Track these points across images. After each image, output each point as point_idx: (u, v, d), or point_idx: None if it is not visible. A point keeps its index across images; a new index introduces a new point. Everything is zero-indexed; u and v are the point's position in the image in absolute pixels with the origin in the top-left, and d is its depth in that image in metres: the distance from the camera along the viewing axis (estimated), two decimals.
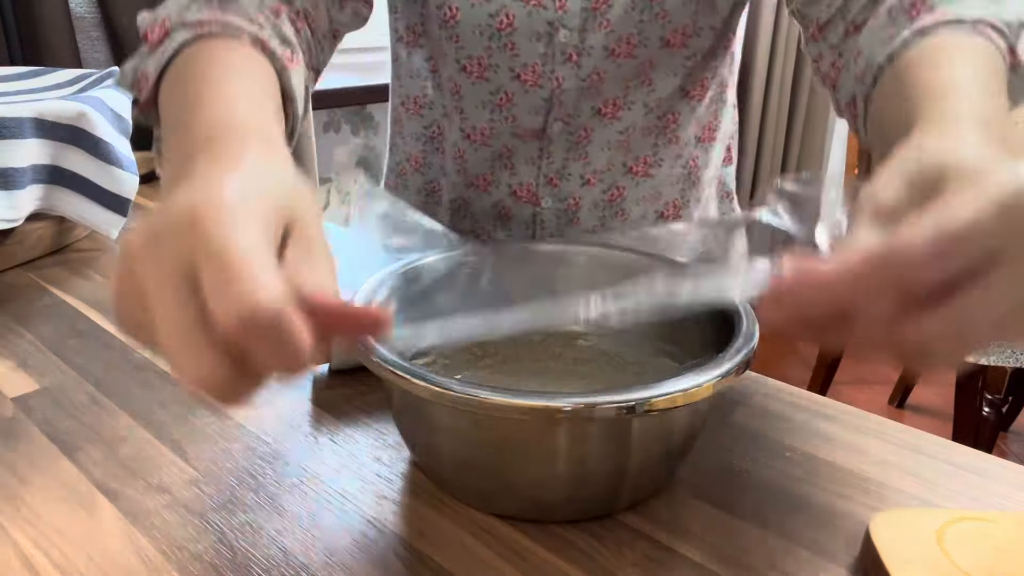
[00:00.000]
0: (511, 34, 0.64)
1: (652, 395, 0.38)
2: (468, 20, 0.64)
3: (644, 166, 0.73)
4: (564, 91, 0.66)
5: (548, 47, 0.64)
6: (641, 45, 0.64)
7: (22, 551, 0.41)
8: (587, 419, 0.38)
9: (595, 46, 0.64)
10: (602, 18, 0.62)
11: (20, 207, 0.78)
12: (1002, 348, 1.35)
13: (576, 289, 0.59)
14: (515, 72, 0.66)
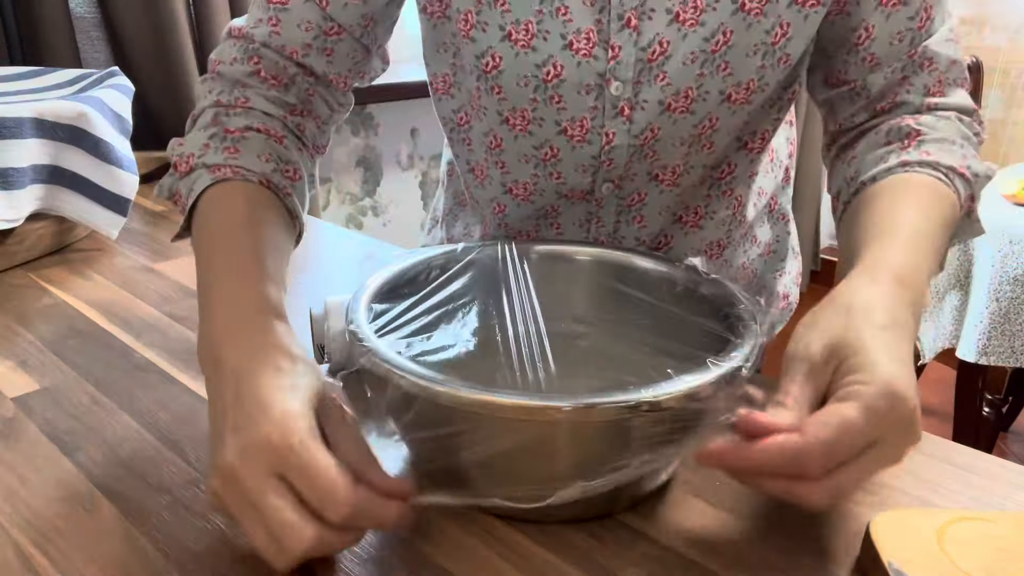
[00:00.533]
0: (558, 86, 0.58)
1: (653, 395, 0.38)
2: (512, 70, 0.59)
3: (695, 217, 0.70)
4: (614, 148, 0.61)
5: (598, 100, 0.59)
6: (700, 99, 0.58)
7: (22, 551, 0.41)
8: (587, 418, 0.38)
9: (650, 100, 0.58)
10: (659, 70, 0.57)
11: (20, 207, 0.78)
12: (1002, 348, 1.35)
13: (578, 288, 0.59)
14: (561, 127, 0.61)
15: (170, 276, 0.79)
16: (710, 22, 0.55)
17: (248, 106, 0.59)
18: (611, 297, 0.58)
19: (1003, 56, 2.67)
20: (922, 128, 0.57)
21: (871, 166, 0.57)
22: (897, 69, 0.59)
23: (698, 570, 0.41)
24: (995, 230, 1.35)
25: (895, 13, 0.57)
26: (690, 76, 0.57)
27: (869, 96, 0.60)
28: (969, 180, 0.55)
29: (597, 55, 0.57)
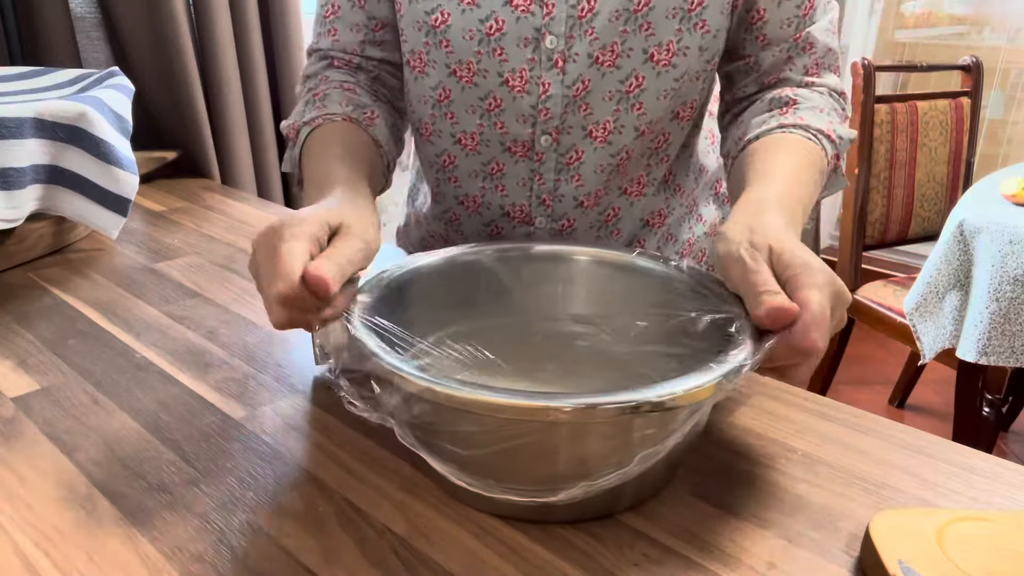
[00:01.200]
0: (500, 39, 0.66)
1: (654, 395, 0.38)
2: (458, 25, 0.66)
3: (638, 187, 0.75)
4: (550, 97, 0.67)
5: (535, 52, 0.66)
6: (624, 55, 0.65)
7: (22, 551, 0.41)
8: (588, 419, 0.38)
9: (580, 53, 0.65)
10: (588, 26, 0.64)
11: (20, 207, 0.78)
12: (1002, 348, 1.35)
13: (575, 288, 0.59)
14: (503, 77, 0.67)
15: (170, 276, 0.79)
16: None
17: (328, 80, 0.72)
18: (610, 297, 0.58)
19: (1003, 56, 2.67)
20: (798, 98, 0.67)
21: (755, 128, 0.66)
22: (784, 49, 0.68)
23: (698, 570, 0.41)
24: (995, 230, 1.35)
25: (784, 2, 0.66)
26: (615, 32, 0.64)
27: (760, 70, 0.70)
28: (835, 141, 0.65)
29: (534, 11, 0.64)
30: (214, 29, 1.22)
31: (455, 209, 0.78)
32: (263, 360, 0.62)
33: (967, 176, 2.04)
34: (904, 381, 2.26)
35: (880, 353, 2.61)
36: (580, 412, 0.37)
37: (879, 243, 1.99)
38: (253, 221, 0.98)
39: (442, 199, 0.79)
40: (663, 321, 0.54)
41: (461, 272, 0.57)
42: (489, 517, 0.44)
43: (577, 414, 0.37)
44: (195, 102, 1.21)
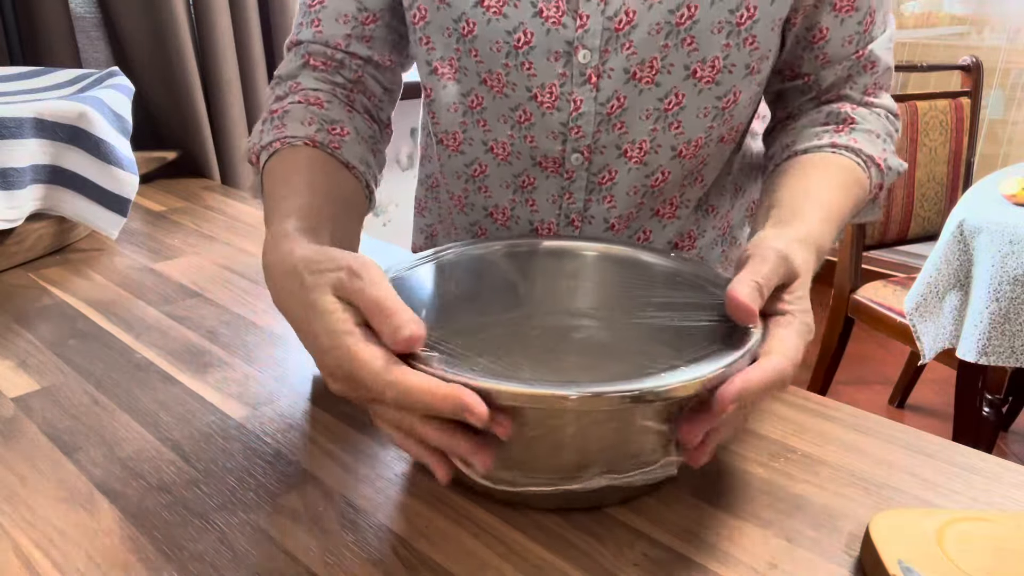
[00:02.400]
0: (528, 52, 0.61)
1: (659, 384, 0.38)
2: (485, 36, 0.61)
3: (671, 208, 0.71)
4: (582, 115, 0.63)
5: (566, 67, 0.61)
6: (664, 71, 0.60)
7: (22, 551, 0.41)
8: (593, 407, 0.38)
9: (616, 68, 0.61)
10: (625, 39, 0.59)
11: (20, 207, 0.78)
12: (1002, 348, 1.35)
13: (584, 284, 0.59)
14: (532, 92, 0.63)
15: (170, 276, 0.79)
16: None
17: (298, 89, 0.65)
18: (617, 292, 0.58)
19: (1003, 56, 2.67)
20: (856, 118, 0.64)
21: (806, 140, 0.64)
22: (845, 68, 0.65)
23: (698, 570, 0.41)
24: (995, 230, 1.35)
25: (847, 18, 0.63)
26: (655, 46, 0.59)
27: (819, 90, 0.67)
28: (883, 171, 0.63)
29: (566, 23, 0.59)
30: (214, 29, 1.22)
31: (483, 222, 0.75)
32: (263, 360, 0.62)
33: (967, 176, 2.04)
34: (904, 381, 2.26)
35: (880, 353, 2.61)
36: (586, 400, 0.38)
37: (879, 243, 1.99)
38: (253, 221, 0.98)
39: (470, 210, 0.75)
40: (669, 314, 0.54)
41: (468, 268, 0.57)
42: (489, 517, 0.44)
43: (583, 402, 0.38)
44: (195, 102, 1.21)
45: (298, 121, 0.61)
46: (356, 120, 0.65)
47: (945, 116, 1.98)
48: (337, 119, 0.62)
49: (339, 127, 0.62)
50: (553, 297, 0.59)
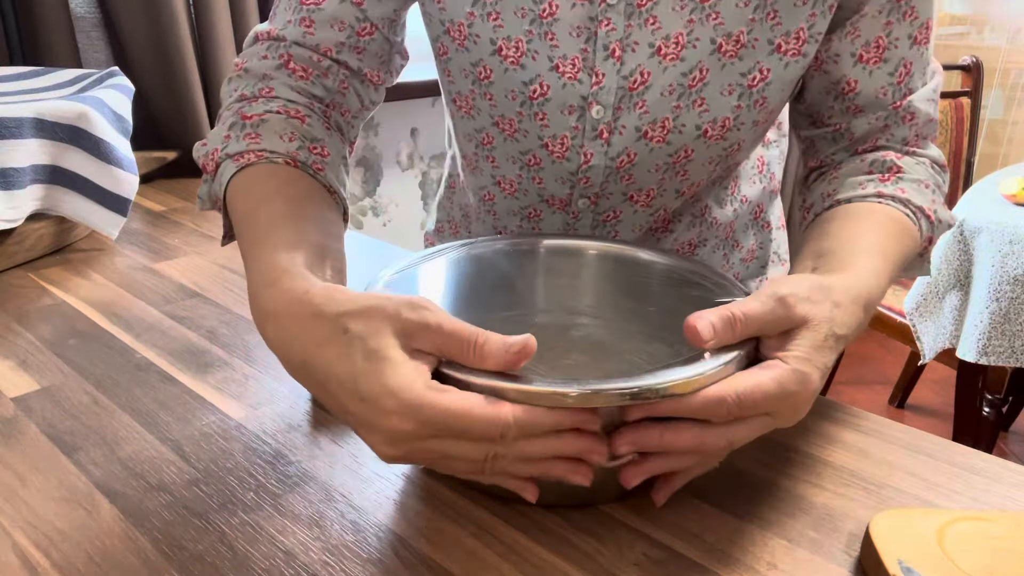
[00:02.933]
0: (543, 104, 0.61)
1: (657, 382, 0.38)
2: (501, 83, 0.61)
3: (664, 223, 0.73)
4: (592, 167, 0.63)
5: (579, 121, 0.61)
6: (676, 131, 0.61)
7: (22, 551, 0.41)
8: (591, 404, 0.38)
9: (628, 126, 0.61)
10: (639, 99, 0.60)
11: (20, 207, 0.78)
12: (1002, 348, 1.35)
13: (584, 283, 0.59)
14: (543, 141, 0.63)
15: (170, 276, 0.79)
16: (689, 58, 0.58)
17: (271, 95, 0.59)
18: (616, 290, 0.58)
19: (1003, 56, 2.67)
20: (903, 166, 0.61)
21: (849, 189, 0.60)
22: (881, 118, 0.62)
23: (698, 570, 0.41)
24: (995, 230, 1.35)
25: (876, 70, 0.60)
26: (667, 107, 0.59)
27: (852, 139, 0.64)
28: (933, 223, 0.60)
29: (582, 79, 0.59)
30: (214, 29, 1.22)
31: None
32: (263, 360, 0.62)
33: (967, 176, 2.05)
34: (904, 381, 2.26)
35: (880, 353, 2.62)
36: (585, 398, 0.38)
37: None
38: None
39: (480, 225, 0.77)
40: (667, 313, 0.54)
41: (468, 266, 0.57)
42: (489, 517, 0.44)
43: (582, 399, 0.38)
44: (195, 102, 1.21)
45: (276, 135, 0.54)
46: (333, 139, 0.60)
47: (945, 116, 1.98)
48: (319, 138, 0.57)
49: (320, 147, 0.56)
50: (553, 295, 0.59)
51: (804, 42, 0.58)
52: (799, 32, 0.58)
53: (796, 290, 0.43)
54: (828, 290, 0.45)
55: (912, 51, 0.60)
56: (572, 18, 0.58)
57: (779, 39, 0.58)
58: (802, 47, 0.58)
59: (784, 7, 0.57)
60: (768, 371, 0.41)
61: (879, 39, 0.59)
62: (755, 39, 0.57)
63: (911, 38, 0.60)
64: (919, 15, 0.59)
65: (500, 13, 0.59)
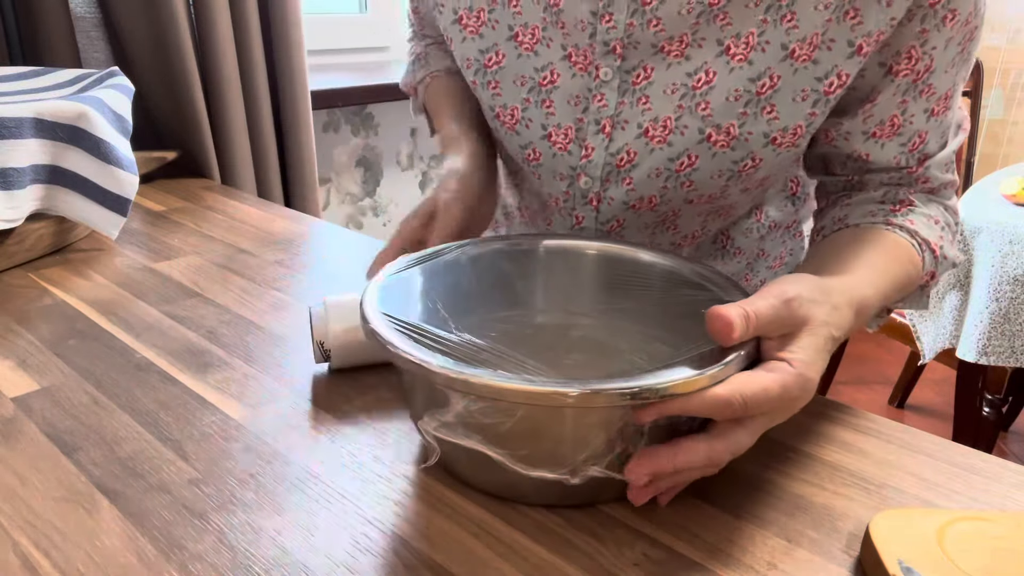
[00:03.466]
0: (551, 91, 0.63)
1: (657, 383, 0.38)
2: (512, 68, 0.65)
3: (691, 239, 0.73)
4: (591, 162, 0.64)
5: (570, 187, 0.66)
6: (663, 204, 0.64)
7: (22, 551, 0.41)
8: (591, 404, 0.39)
9: (616, 198, 0.64)
10: (626, 175, 0.62)
11: (20, 207, 0.78)
12: (1002, 348, 1.35)
13: (583, 283, 0.59)
14: (547, 131, 0.65)
15: (170, 276, 0.79)
16: (677, 144, 0.60)
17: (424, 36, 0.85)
18: (615, 290, 0.58)
19: (1003, 56, 2.67)
20: (916, 201, 0.62)
21: (859, 216, 0.61)
22: (895, 178, 0.62)
23: (698, 570, 0.41)
24: (995, 230, 1.35)
25: (888, 143, 0.60)
26: (654, 187, 0.62)
27: (864, 189, 0.64)
28: (937, 259, 0.60)
29: (572, 151, 0.63)
30: (214, 29, 1.22)
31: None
32: (263, 360, 0.62)
33: (967, 176, 2.04)
34: (904, 381, 2.26)
35: (880, 353, 2.62)
36: (585, 397, 0.38)
37: None
38: (253, 221, 0.98)
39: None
40: (668, 314, 0.54)
41: (467, 267, 0.57)
42: (489, 517, 0.44)
43: (582, 399, 0.38)
44: (195, 102, 1.21)
45: (436, 59, 0.81)
46: None
47: None
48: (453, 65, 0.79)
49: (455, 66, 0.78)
50: (552, 295, 0.59)
51: (800, 136, 0.59)
52: (796, 128, 0.58)
53: (801, 291, 0.44)
54: (828, 292, 0.46)
55: (929, 123, 0.59)
56: (571, 87, 0.62)
57: (775, 133, 0.58)
58: (798, 140, 0.59)
59: (783, 103, 0.56)
60: (773, 374, 0.41)
61: (893, 118, 0.59)
62: (748, 132, 0.58)
63: (927, 112, 0.59)
64: (936, 91, 0.58)
65: (500, 82, 0.66)
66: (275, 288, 0.77)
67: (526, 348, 0.53)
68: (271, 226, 0.97)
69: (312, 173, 1.45)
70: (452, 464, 0.47)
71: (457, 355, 0.44)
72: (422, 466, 0.48)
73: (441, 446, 0.44)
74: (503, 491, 0.45)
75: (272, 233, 0.94)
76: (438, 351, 0.43)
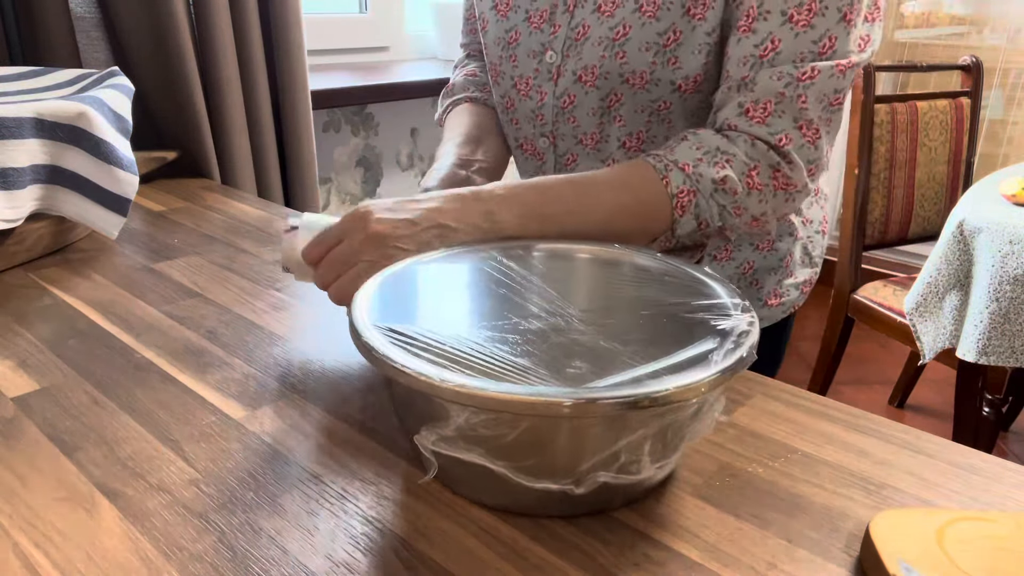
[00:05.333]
0: (515, 48, 0.78)
1: (655, 390, 0.38)
2: (492, 31, 0.79)
3: None
4: (544, 105, 0.78)
5: (539, 64, 0.77)
6: (602, 77, 0.73)
7: (22, 551, 0.41)
8: (587, 414, 0.38)
9: (568, 70, 0.74)
10: (579, 47, 0.73)
11: (20, 207, 0.78)
12: (1002, 348, 1.35)
13: (576, 287, 0.59)
14: (514, 81, 0.80)
15: (170, 276, 0.79)
16: (617, 14, 0.70)
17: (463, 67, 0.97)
18: (608, 294, 0.58)
19: (1003, 56, 2.67)
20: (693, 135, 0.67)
21: None
22: (733, 87, 0.67)
23: (698, 570, 0.41)
24: (995, 230, 1.35)
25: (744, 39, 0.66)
26: (595, 56, 0.72)
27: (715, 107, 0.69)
28: (690, 175, 0.64)
29: (544, 29, 0.75)
30: (214, 29, 1.22)
31: None
32: (263, 360, 0.62)
33: (967, 176, 2.05)
34: (904, 381, 2.26)
35: (880, 353, 2.62)
36: (580, 407, 0.38)
37: (879, 243, 1.99)
38: (253, 221, 0.98)
39: None
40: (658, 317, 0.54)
41: (460, 271, 0.57)
42: (489, 516, 0.44)
43: (578, 409, 0.38)
44: (195, 102, 1.21)
45: (461, 88, 0.91)
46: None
47: (945, 116, 1.98)
48: (486, 82, 0.90)
49: (488, 87, 0.90)
50: (545, 299, 0.59)
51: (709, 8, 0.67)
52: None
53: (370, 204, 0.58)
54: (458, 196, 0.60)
55: (783, 29, 0.64)
56: None
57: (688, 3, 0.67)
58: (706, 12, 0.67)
59: None
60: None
61: (750, 9, 0.65)
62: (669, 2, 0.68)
63: (784, 14, 0.64)
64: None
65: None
66: (275, 288, 0.77)
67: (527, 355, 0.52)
68: (271, 226, 0.97)
69: (312, 173, 1.45)
70: (450, 479, 0.46)
71: (457, 366, 0.43)
72: (419, 481, 0.47)
73: (438, 460, 0.43)
74: (505, 504, 0.45)
75: (272, 233, 0.94)
76: (440, 363, 0.42)
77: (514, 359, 0.48)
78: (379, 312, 0.48)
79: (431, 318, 0.52)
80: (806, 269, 0.87)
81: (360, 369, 0.61)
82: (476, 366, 0.44)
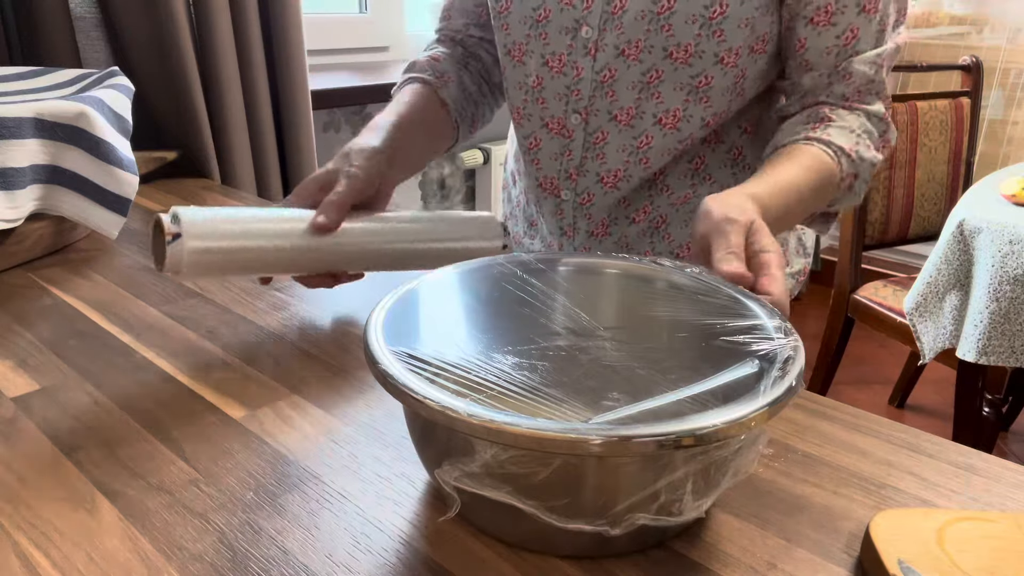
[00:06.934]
0: (545, 25, 0.77)
1: (693, 427, 0.35)
2: (516, 11, 0.79)
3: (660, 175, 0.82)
4: (582, 80, 0.77)
5: (573, 40, 0.76)
6: (647, 51, 0.73)
7: (22, 551, 0.41)
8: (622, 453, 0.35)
9: (609, 44, 0.74)
10: (618, 21, 0.73)
11: (20, 207, 0.78)
12: (1002, 348, 1.35)
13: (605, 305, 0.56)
14: (544, 59, 0.79)
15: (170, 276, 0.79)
16: None
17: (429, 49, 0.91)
18: (638, 311, 0.55)
19: (1003, 56, 2.67)
20: (834, 117, 0.73)
21: (787, 137, 0.73)
22: (824, 75, 0.73)
23: (698, 570, 0.41)
24: (995, 230, 1.35)
25: (824, 31, 0.71)
26: (639, 30, 0.72)
27: (801, 92, 0.75)
28: (854, 160, 0.71)
29: (575, 4, 0.75)
30: (214, 29, 1.22)
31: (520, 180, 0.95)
32: (263, 360, 0.62)
33: (967, 176, 2.04)
34: (904, 381, 2.26)
35: (880, 353, 2.61)
36: (613, 445, 0.34)
37: (879, 243, 1.99)
38: None
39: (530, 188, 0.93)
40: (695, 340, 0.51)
41: (483, 286, 0.54)
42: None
43: (610, 447, 0.34)
44: (195, 102, 1.21)
45: (418, 69, 0.87)
46: (465, 75, 0.88)
47: (945, 116, 1.98)
48: (447, 70, 0.86)
49: (445, 76, 0.86)
50: (572, 320, 0.55)
51: None
52: None
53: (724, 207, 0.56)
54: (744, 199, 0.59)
55: (860, 18, 0.70)
56: None
57: None
58: None
59: None
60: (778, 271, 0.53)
61: (828, 5, 0.70)
62: None
63: (859, 5, 0.70)
64: None
65: None
66: (275, 288, 0.77)
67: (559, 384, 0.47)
68: None
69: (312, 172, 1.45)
70: (473, 515, 0.43)
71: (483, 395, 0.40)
72: (440, 520, 0.44)
73: (461, 496, 0.38)
74: (532, 544, 0.42)
75: None
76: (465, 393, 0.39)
77: (546, 389, 0.45)
78: (395, 335, 0.44)
79: (451, 341, 0.49)
80: (800, 259, 0.92)
81: (360, 369, 0.61)
82: (505, 398, 0.41)
